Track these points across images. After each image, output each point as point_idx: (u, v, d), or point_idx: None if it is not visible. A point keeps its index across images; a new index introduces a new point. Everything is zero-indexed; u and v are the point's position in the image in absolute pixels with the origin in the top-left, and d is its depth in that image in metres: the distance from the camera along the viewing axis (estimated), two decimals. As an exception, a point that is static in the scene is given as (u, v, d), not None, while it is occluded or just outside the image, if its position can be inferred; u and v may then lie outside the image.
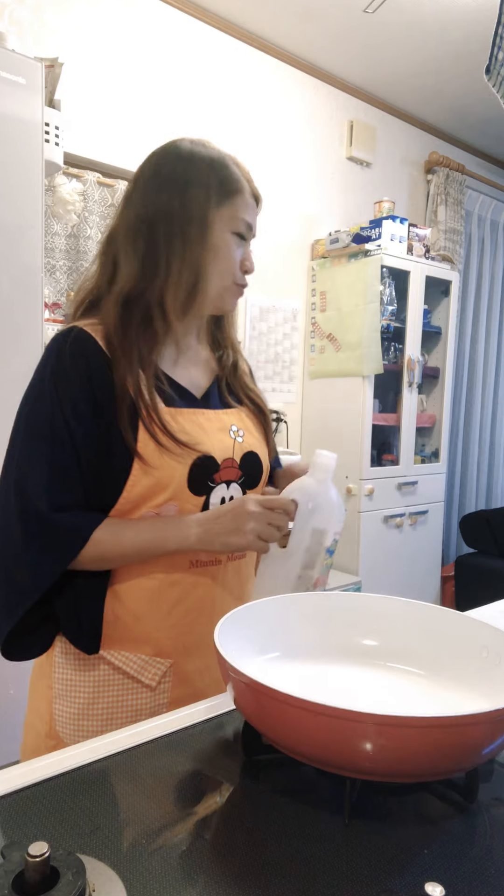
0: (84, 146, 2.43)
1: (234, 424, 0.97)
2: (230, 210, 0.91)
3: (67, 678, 0.91)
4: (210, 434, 0.92)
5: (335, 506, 0.88)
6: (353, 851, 0.52)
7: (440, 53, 3.01)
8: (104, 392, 0.85)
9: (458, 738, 0.53)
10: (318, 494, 0.87)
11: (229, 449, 0.94)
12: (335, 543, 0.89)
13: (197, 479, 0.89)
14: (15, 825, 0.54)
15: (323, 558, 0.87)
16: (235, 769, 0.64)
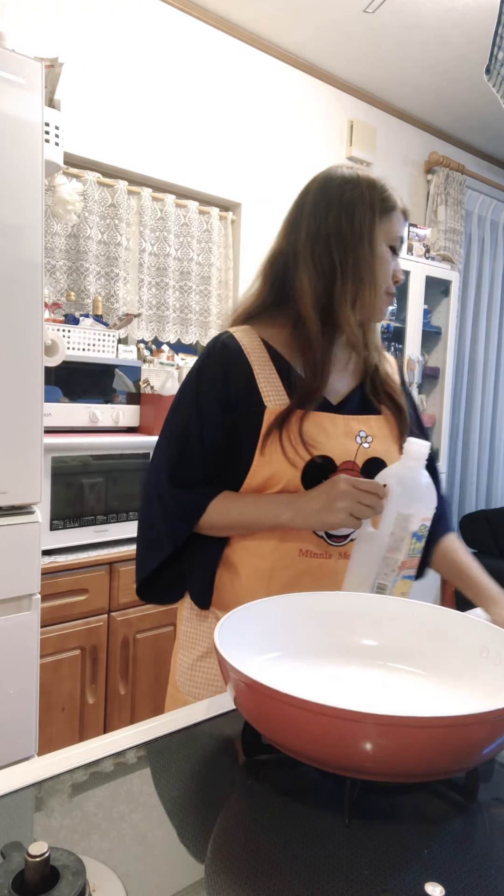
0: (84, 146, 2.43)
1: (363, 430, 1.01)
2: (388, 226, 1.00)
3: (188, 630, 1.08)
4: (333, 437, 0.98)
5: (423, 492, 0.91)
6: (353, 851, 0.52)
7: (440, 53, 3.01)
8: (238, 392, 0.99)
9: (458, 738, 0.53)
10: (406, 479, 0.90)
11: (352, 453, 0.99)
12: (423, 529, 0.92)
13: (311, 477, 0.97)
14: (15, 825, 0.54)
15: (409, 542, 0.90)
16: (235, 769, 0.64)
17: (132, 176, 2.62)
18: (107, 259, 2.57)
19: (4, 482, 1.49)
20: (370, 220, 0.99)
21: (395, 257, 1.03)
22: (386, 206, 1.01)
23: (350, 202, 0.99)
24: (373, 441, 1.02)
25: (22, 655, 1.55)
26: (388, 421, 1.05)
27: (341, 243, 0.98)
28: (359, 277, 0.99)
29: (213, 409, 0.99)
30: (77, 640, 1.92)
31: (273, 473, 0.97)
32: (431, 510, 0.92)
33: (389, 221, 1.01)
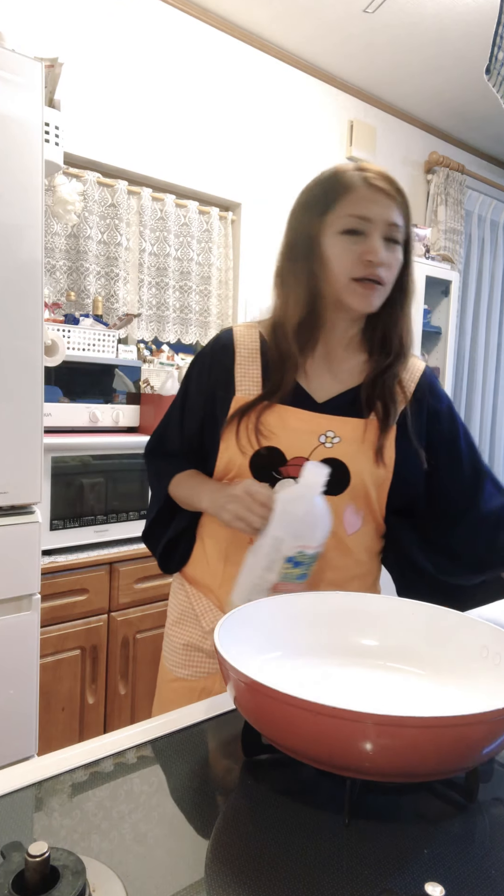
0: (84, 146, 2.43)
1: (332, 430, 0.99)
2: (334, 214, 0.96)
3: (171, 597, 1.16)
4: (292, 432, 0.99)
5: (306, 519, 0.86)
6: (353, 851, 0.52)
7: (440, 53, 3.01)
8: (217, 382, 1.04)
9: (458, 738, 0.53)
10: (291, 503, 0.87)
11: (306, 450, 0.98)
12: (302, 556, 0.87)
13: (259, 468, 0.99)
14: (15, 825, 0.54)
15: (281, 566, 0.86)
16: (235, 769, 0.64)
17: (132, 176, 2.62)
18: (107, 259, 2.57)
19: (4, 482, 1.49)
20: (309, 220, 0.98)
21: (360, 238, 0.95)
22: (331, 196, 0.97)
23: (298, 210, 1.01)
24: (339, 442, 0.99)
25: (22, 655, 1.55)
26: (369, 426, 1.01)
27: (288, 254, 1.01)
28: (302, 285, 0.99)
29: (195, 398, 1.07)
30: (77, 640, 1.92)
31: (229, 459, 1.01)
32: (313, 539, 0.87)
33: (337, 208, 0.96)
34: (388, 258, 0.96)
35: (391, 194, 0.96)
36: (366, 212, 0.95)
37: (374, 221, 0.95)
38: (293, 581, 0.88)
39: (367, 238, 0.95)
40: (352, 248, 0.95)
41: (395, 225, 0.97)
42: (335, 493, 0.98)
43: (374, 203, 0.95)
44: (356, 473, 0.99)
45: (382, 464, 1.00)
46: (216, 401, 1.04)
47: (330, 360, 1.04)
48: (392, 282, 0.99)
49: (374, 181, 0.96)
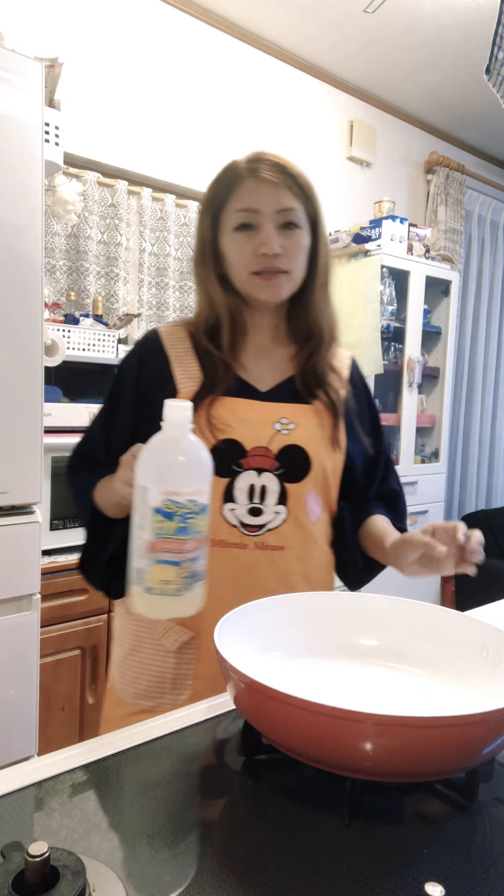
0: (84, 146, 2.43)
1: (285, 417, 0.98)
2: (226, 212, 0.97)
3: (117, 625, 1.07)
4: (246, 422, 0.97)
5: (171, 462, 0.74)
6: (353, 851, 0.52)
7: (440, 53, 3.01)
8: (150, 385, 1.00)
9: (458, 738, 0.53)
10: (153, 446, 0.75)
11: (265, 438, 0.97)
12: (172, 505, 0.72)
13: (218, 462, 0.91)
14: (15, 825, 0.54)
15: (151, 520, 0.73)
16: (235, 769, 0.64)
17: (132, 176, 2.62)
18: (107, 259, 2.57)
19: (4, 482, 1.49)
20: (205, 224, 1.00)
21: (253, 232, 0.95)
22: (221, 195, 0.97)
23: (198, 214, 1.04)
24: (294, 428, 0.98)
25: (22, 655, 1.55)
26: (317, 412, 1.01)
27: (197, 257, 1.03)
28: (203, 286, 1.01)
29: (126, 406, 1.02)
30: (77, 640, 1.92)
31: None
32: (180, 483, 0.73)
33: (228, 206, 0.96)
34: (285, 246, 0.95)
35: (276, 180, 0.94)
36: (252, 203, 0.94)
37: (263, 212, 0.94)
38: (171, 537, 0.73)
39: (258, 231, 0.94)
40: (246, 243, 0.95)
41: (289, 209, 0.95)
42: (298, 480, 0.98)
43: (260, 193, 0.94)
44: (316, 459, 0.98)
45: (338, 448, 1.01)
46: (153, 404, 0.93)
47: (263, 351, 1.04)
48: (299, 267, 0.98)
49: (259, 171, 0.95)
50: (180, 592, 0.73)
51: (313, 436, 0.99)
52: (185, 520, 0.74)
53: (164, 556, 0.73)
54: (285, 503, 0.97)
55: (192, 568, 0.73)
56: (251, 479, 0.96)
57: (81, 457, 1.07)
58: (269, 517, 0.97)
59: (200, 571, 0.75)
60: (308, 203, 0.98)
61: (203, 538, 0.75)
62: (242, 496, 0.96)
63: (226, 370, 0.99)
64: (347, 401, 1.05)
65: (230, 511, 0.96)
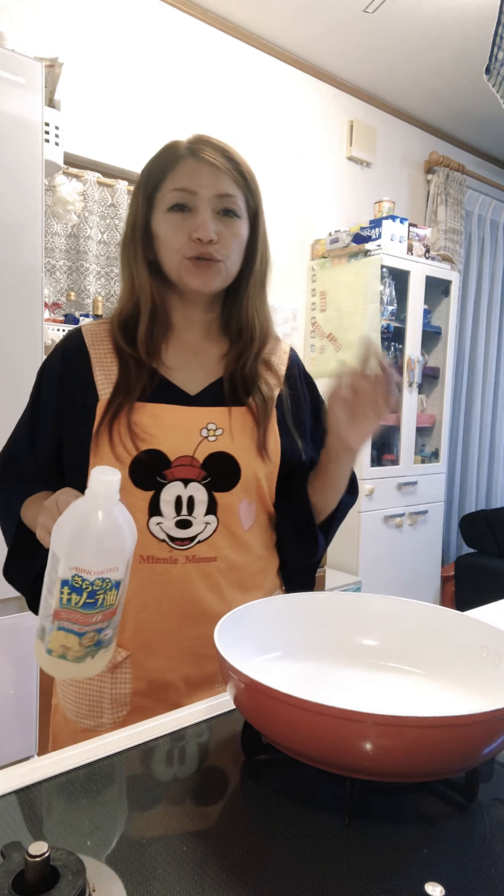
0: (84, 146, 2.43)
1: (212, 423, 0.92)
2: (161, 192, 0.91)
3: None
4: (170, 429, 0.90)
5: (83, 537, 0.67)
6: (353, 851, 0.52)
7: (440, 53, 3.01)
8: (73, 388, 0.94)
9: (458, 738, 0.53)
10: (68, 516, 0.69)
11: (191, 447, 0.90)
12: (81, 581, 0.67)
13: (140, 474, 0.89)
14: (15, 825, 0.54)
15: (59, 589, 0.68)
16: (235, 769, 0.64)
17: (132, 176, 2.62)
18: (107, 259, 2.57)
19: (4, 482, 1.49)
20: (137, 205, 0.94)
21: (188, 214, 0.89)
22: (155, 177, 0.92)
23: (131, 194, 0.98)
24: (222, 434, 0.92)
25: (22, 655, 1.55)
26: (248, 415, 0.94)
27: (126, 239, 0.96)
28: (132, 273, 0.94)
29: (47, 412, 0.96)
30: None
31: None
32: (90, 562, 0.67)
33: (162, 187, 0.91)
34: (221, 233, 0.90)
35: (217, 163, 0.89)
36: (190, 184, 0.89)
37: (201, 194, 0.89)
38: (76, 610, 0.68)
39: (194, 214, 0.89)
40: (181, 224, 0.89)
41: (228, 195, 0.90)
42: (227, 489, 0.92)
43: (199, 174, 0.89)
44: (246, 466, 0.92)
45: (267, 457, 0.94)
46: (75, 410, 0.93)
47: (192, 350, 0.98)
48: (234, 258, 0.93)
49: (200, 152, 0.89)
50: (81, 660, 0.70)
51: (242, 442, 0.93)
52: (93, 595, 0.69)
53: (67, 625, 0.69)
54: (215, 513, 0.91)
55: (97, 637, 0.70)
56: (177, 491, 0.90)
57: (7, 465, 0.99)
58: (199, 528, 0.91)
59: (107, 639, 0.72)
60: (249, 193, 0.93)
61: (113, 610, 0.71)
62: (169, 509, 0.89)
63: (140, 369, 0.92)
64: (282, 399, 0.99)
65: (157, 525, 0.90)
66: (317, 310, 3.18)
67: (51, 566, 0.70)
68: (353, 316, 2.98)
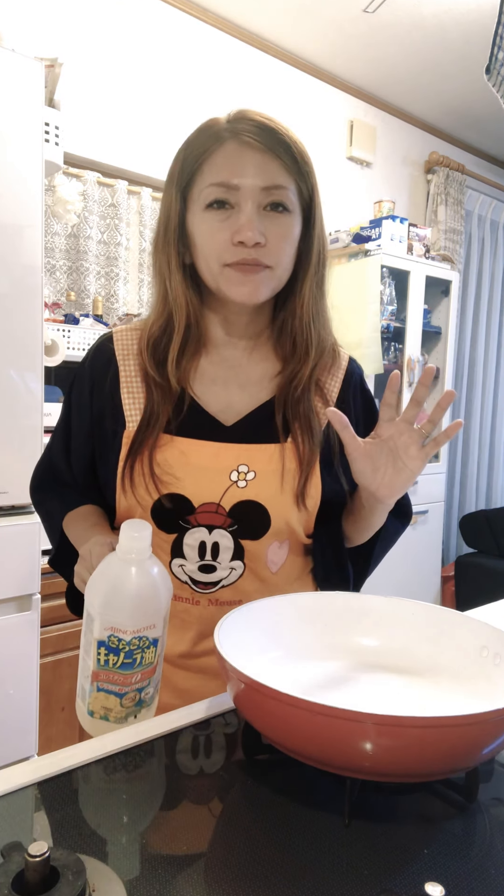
0: (84, 146, 2.43)
1: (244, 464, 0.80)
2: (197, 186, 0.77)
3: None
4: (197, 470, 0.80)
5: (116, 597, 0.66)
6: (353, 851, 0.52)
7: (440, 53, 3.01)
8: (104, 408, 0.84)
9: (458, 738, 0.53)
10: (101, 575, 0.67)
11: (217, 493, 0.80)
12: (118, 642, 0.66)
13: (163, 518, 0.81)
14: (15, 825, 0.54)
15: (95, 650, 0.67)
16: (235, 769, 0.64)
17: (132, 176, 2.62)
18: (107, 259, 2.57)
19: (4, 482, 1.49)
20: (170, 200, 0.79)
21: (229, 212, 0.74)
22: (190, 166, 0.76)
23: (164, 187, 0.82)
24: (254, 479, 0.80)
25: (22, 655, 1.55)
26: (290, 452, 0.81)
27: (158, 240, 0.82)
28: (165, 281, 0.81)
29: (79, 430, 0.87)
30: (77, 640, 1.92)
31: (129, 506, 0.82)
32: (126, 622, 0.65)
33: (199, 179, 0.76)
34: (270, 233, 0.75)
35: (264, 147, 0.74)
36: (231, 175, 0.74)
37: (244, 188, 0.74)
38: (114, 671, 0.67)
39: (236, 211, 0.74)
40: (220, 225, 0.75)
41: (277, 187, 0.75)
42: (255, 538, 0.83)
43: (242, 163, 0.74)
44: (277, 516, 0.82)
45: (304, 507, 0.82)
46: (106, 434, 0.83)
47: (233, 368, 0.84)
48: (285, 262, 0.78)
49: (244, 134, 0.74)
50: (123, 720, 0.69)
51: (277, 490, 0.81)
52: (130, 655, 0.67)
53: (106, 686, 0.68)
54: (242, 558, 0.83)
55: (137, 697, 0.69)
56: (201, 536, 0.82)
57: (46, 474, 0.94)
58: (224, 573, 0.83)
59: (149, 697, 0.71)
60: (303, 181, 0.79)
61: (153, 668, 0.69)
62: (192, 552, 0.82)
63: (166, 398, 0.81)
64: (330, 432, 0.84)
65: (179, 567, 0.84)
66: (317, 310, 3.18)
67: (86, 626, 0.68)
68: (353, 316, 2.98)
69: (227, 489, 0.80)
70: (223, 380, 0.84)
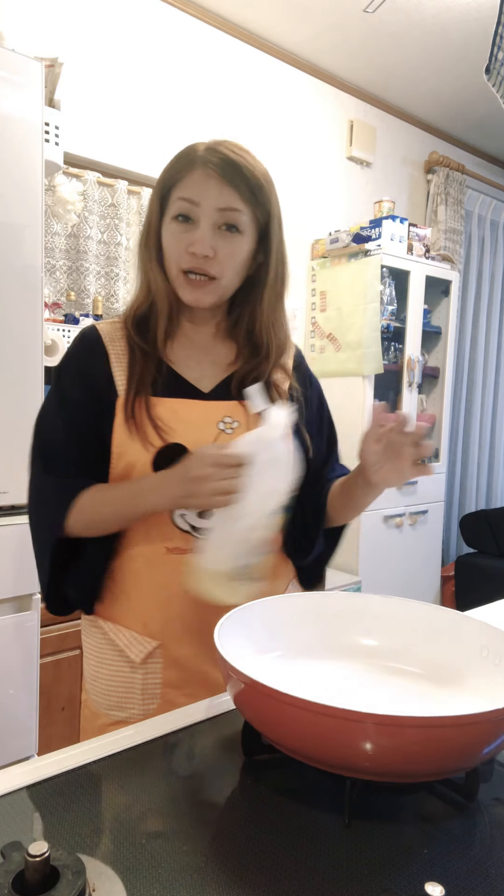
0: (84, 146, 2.43)
1: (228, 416, 0.94)
2: (171, 198, 0.90)
3: (86, 641, 1.02)
4: (188, 423, 0.92)
5: (282, 465, 0.82)
6: (353, 851, 0.52)
7: (440, 53, 3.01)
8: (96, 382, 0.94)
9: (458, 738, 0.53)
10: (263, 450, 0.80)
11: (209, 439, 0.92)
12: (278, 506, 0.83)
13: (163, 466, 0.90)
14: (15, 825, 0.54)
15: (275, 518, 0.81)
16: (235, 769, 0.64)
17: (132, 176, 2.62)
18: (107, 259, 2.57)
19: (4, 482, 1.49)
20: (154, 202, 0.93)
21: (189, 226, 0.88)
22: (176, 173, 0.89)
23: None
24: (238, 427, 0.94)
25: (22, 655, 1.55)
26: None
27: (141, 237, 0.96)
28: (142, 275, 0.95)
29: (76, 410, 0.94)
30: (77, 640, 1.92)
31: (127, 464, 0.92)
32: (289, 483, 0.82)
33: (172, 194, 0.89)
34: (220, 249, 0.88)
35: (224, 176, 0.86)
36: (195, 195, 0.87)
37: (203, 206, 0.87)
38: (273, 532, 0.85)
39: (195, 225, 0.87)
40: (181, 236, 0.88)
41: (231, 209, 0.87)
42: None
43: (206, 185, 0.86)
44: None
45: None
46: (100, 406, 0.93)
47: (202, 348, 0.99)
48: (230, 275, 0.91)
49: (210, 162, 0.86)
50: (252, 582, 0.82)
51: None
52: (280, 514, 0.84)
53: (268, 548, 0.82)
54: None
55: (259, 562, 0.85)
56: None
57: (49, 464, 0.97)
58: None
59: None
60: (256, 207, 0.90)
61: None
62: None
63: (148, 363, 0.93)
64: (292, 395, 1.00)
65: (180, 517, 0.92)
66: (317, 310, 3.18)
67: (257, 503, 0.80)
68: (353, 316, 2.98)
69: (218, 436, 0.93)
70: (195, 356, 0.98)
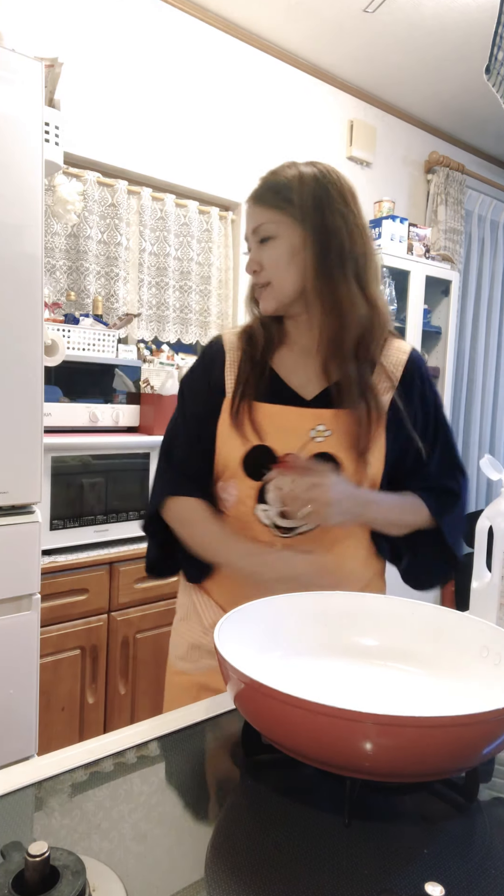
0: (84, 146, 2.43)
1: (322, 424, 0.99)
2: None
3: (179, 596, 1.15)
4: (280, 429, 1.00)
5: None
6: (353, 851, 0.52)
7: (440, 53, 3.01)
8: (211, 387, 1.06)
9: (458, 738, 0.53)
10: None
11: (297, 446, 0.99)
12: None
13: (251, 465, 1.00)
14: (15, 825, 0.54)
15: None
16: (235, 769, 0.64)
17: (132, 176, 2.62)
18: (107, 259, 2.57)
19: (4, 482, 1.49)
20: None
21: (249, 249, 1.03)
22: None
23: None
24: (330, 436, 0.99)
25: (22, 655, 1.55)
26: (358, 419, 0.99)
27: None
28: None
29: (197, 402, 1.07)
30: (77, 640, 1.92)
31: (224, 457, 1.03)
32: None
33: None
34: (261, 260, 1.00)
35: (255, 198, 1.00)
36: (247, 228, 1.03)
37: (248, 234, 1.02)
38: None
39: (252, 252, 1.02)
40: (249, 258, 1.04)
41: (259, 225, 0.99)
42: None
43: (247, 217, 1.03)
44: (348, 467, 0.99)
45: (367, 464, 0.99)
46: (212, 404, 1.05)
47: (306, 356, 1.05)
48: (280, 276, 0.99)
49: (253, 193, 1.01)
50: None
51: (349, 445, 0.99)
52: None
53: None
54: None
55: None
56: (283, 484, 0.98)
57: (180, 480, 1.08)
58: (300, 521, 1.00)
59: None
60: (288, 206, 0.97)
61: None
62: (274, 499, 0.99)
63: (253, 372, 1.03)
64: (395, 404, 1.02)
65: (263, 512, 1.01)
66: (317, 310, 3.18)
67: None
68: (353, 316, 2.97)
69: (307, 443, 0.99)
70: (302, 363, 1.05)
